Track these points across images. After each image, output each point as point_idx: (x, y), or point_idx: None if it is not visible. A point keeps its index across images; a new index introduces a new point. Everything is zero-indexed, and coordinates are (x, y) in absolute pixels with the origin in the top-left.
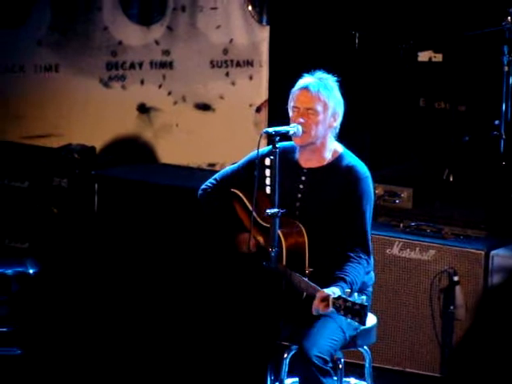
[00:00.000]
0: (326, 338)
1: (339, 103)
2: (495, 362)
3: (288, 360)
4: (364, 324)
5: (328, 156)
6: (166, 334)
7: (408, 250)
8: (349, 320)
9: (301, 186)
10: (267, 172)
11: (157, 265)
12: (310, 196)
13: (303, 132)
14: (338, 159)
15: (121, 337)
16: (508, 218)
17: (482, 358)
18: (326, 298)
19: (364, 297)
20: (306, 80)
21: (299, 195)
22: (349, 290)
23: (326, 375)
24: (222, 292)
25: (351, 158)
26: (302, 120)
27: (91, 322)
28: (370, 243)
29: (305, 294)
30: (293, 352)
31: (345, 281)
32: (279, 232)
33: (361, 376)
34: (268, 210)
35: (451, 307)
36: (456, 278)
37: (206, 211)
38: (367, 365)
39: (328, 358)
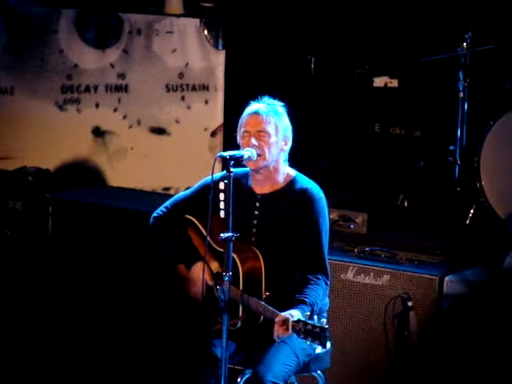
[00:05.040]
0: (281, 364)
1: (288, 128)
2: None
3: None
4: (325, 346)
5: (281, 180)
6: (117, 356)
7: (362, 275)
8: (309, 343)
9: (256, 212)
10: (221, 196)
11: (110, 287)
12: (266, 221)
13: (258, 155)
14: (291, 183)
15: (68, 362)
16: (462, 244)
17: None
18: (285, 322)
19: (324, 319)
20: (254, 106)
21: (255, 221)
22: (309, 313)
23: None
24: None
25: (304, 181)
26: (254, 142)
27: (46, 345)
28: (328, 264)
29: (261, 318)
30: (246, 376)
31: (305, 303)
32: (235, 257)
33: None
34: (222, 234)
35: (405, 332)
36: (410, 304)
37: (160, 240)
38: None
39: None
